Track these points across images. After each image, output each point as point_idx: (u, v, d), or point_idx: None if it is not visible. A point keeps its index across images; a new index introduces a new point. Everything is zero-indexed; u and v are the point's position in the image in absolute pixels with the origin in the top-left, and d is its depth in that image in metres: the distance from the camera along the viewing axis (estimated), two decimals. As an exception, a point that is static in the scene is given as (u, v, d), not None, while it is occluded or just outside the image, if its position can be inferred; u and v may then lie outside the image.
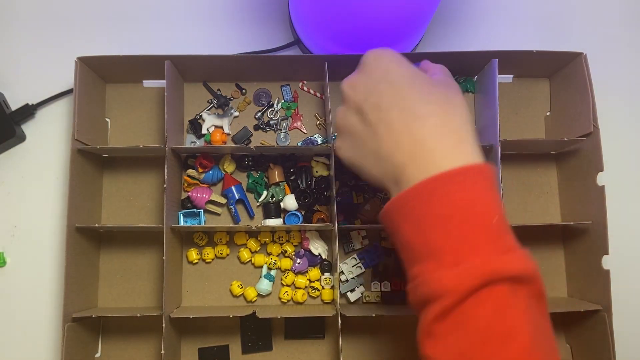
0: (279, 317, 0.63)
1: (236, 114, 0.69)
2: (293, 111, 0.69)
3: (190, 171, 0.66)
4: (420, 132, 0.39)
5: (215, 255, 0.66)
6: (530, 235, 0.68)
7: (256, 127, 0.69)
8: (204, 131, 0.67)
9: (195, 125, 0.68)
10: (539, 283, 0.37)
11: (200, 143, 0.68)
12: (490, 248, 0.36)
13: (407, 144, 0.39)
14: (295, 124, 0.69)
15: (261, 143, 0.68)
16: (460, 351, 0.35)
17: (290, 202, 0.65)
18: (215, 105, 0.68)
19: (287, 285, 0.66)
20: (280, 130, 0.69)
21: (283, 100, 0.70)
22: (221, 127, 0.68)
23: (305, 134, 0.69)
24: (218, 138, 0.67)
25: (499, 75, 0.63)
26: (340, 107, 0.47)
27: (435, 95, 0.41)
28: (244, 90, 0.70)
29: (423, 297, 0.37)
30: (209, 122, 0.67)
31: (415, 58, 0.65)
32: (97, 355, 0.65)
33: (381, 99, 0.42)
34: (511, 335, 0.34)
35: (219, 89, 0.69)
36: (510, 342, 0.34)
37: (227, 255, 0.67)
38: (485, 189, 0.38)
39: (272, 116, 0.69)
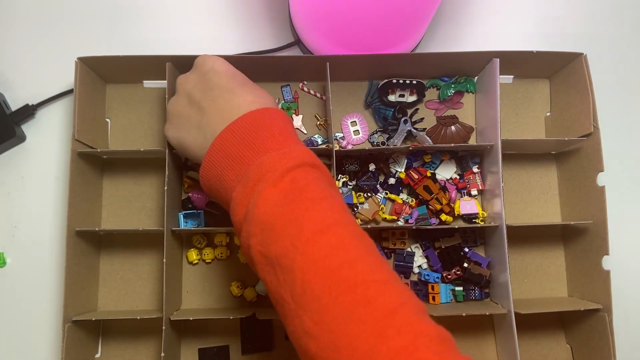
0: (279, 318, 0.63)
1: None
2: (293, 112, 0.69)
3: (191, 173, 0.66)
4: (237, 102, 0.50)
5: (215, 256, 0.66)
6: (530, 235, 0.68)
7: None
8: None
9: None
10: (328, 173, 0.48)
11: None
12: (302, 146, 0.48)
13: (227, 110, 0.49)
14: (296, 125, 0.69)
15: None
16: (295, 195, 0.43)
17: (290, 202, 0.65)
18: None
19: (288, 286, 0.66)
20: None
21: (283, 101, 0.70)
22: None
23: (305, 134, 0.69)
24: None
25: (499, 76, 0.63)
26: (173, 97, 0.56)
27: (249, 85, 0.53)
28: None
29: (258, 174, 0.44)
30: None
31: (415, 58, 0.65)
32: (97, 355, 0.65)
33: (208, 84, 0.52)
34: (331, 196, 0.44)
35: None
36: (331, 200, 0.44)
37: (227, 257, 0.67)
38: (289, 120, 0.52)
39: None
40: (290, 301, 0.40)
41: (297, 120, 0.69)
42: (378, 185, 0.67)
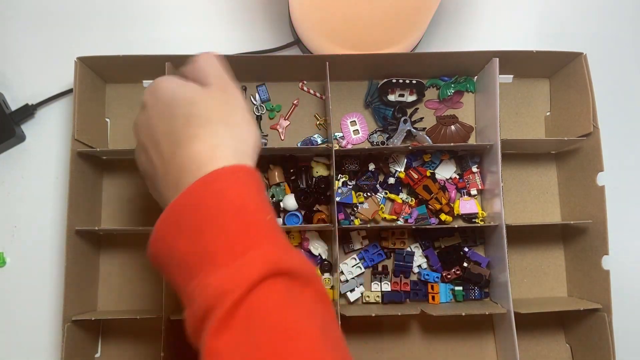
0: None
1: None
2: (278, 113, 0.69)
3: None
4: (185, 158, 0.39)
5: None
6: (530, 235, 0.68)
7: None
8: None
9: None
10: (319, 284, 0.37)
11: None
12: (267, 242, 0.36)
13: (175, 171, 0.39)
14: (277, 126, 0.69)
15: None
16: (250, 348, 0.33)
17: (289, 202, 0.65)
18: None
19: (287, 286, 0.66)
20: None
21: (262, 101, 0.69)
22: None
23: (282, 140, 0.69)
24: None
25: (499, 75, 0.63)
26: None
27: (195, 117, 0.40)
28: (244, 87, 0.70)
29: (204, 306, 0.34)
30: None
31: (415, 58, 0.65)
32: (97, 355, 0.65)
33: (155, 134, 0.41)
34: (299, 331, 0.33)
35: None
36: (299, 337, 0.33)
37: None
38: (256, 189, 0.38)
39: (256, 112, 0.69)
40: None
41: (283, 124, 0.69)
42: (378, 185, 0.67)
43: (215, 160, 0.38)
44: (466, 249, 0.67)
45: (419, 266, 0.67)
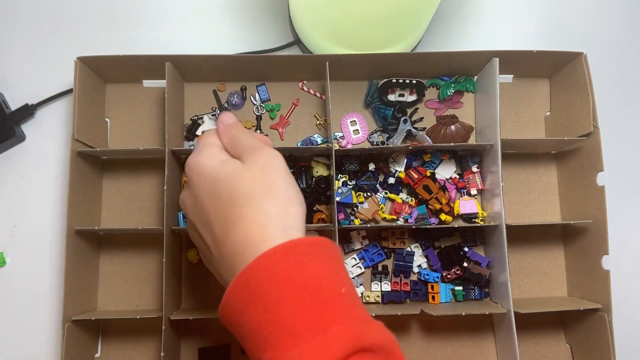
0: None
1: None
2: (277, 112, 0.69)
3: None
4: (236, 239, 0.38)
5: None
6: (530, 235, 0.68)
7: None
8: (198, 132, 0.67)
9: (194, 125, 0.68)
10: (398, 353, 0.37)
11: (195, 142, 0.68)
12: (348, 317, 0.36)
13: (228, 256, 0.39)
14: (278, 127, 0.69)
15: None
16: None
17: (290, 202, 0.65)
18: (217, 116, 0.67)
19: (287, 285, 0.66)
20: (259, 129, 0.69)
21: (261, 102, 0.70)
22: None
23: (282, 140, 0.69)
24: None
25: (499, 75, 0.63)
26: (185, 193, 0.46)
27: (237, 196, 0.40)
28: (243, 86, 0.70)
29: None
30: (207, 126, 0.67)
31: (415, 58, 0.65)
32: (97, 355, 0.65)
33: (204, 216, 0.42)
34: None
35: (226, 103, 0.69)
36: None
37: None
38: (328, 262, 0.38)
39: (256, 112, 0.69)
40: None
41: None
42: (378, 185, 0.67)
43: (265, 242, 0.37)
44: (466, 249, 0.67)
45: (419, 266, 0.67)
